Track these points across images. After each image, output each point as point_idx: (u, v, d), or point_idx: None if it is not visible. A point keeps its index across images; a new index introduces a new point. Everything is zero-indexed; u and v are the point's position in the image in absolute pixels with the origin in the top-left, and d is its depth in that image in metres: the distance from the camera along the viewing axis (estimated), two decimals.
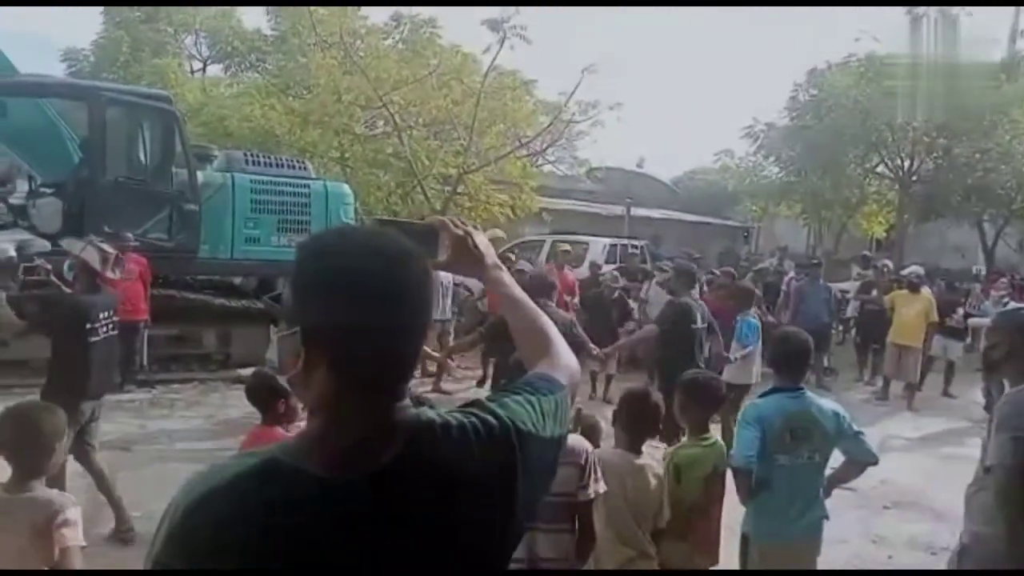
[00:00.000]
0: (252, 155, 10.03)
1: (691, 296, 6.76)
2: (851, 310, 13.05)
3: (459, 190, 12.87)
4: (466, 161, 12.29)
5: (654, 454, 3.58)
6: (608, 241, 13.70)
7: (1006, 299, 9.71)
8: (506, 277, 1.44)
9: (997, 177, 16.88)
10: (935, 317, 10.12)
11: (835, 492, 3.62)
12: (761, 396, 3.45)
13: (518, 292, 1.44)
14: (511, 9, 12.46)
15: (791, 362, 3.49)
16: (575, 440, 2.79)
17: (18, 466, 2.50)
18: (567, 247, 10.32)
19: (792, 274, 13.54)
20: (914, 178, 17.95)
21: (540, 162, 15.76)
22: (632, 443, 3.22)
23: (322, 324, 1.00)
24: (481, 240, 1.44)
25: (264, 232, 9.64)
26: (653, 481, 3.12)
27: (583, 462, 2.76)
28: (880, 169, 19.29)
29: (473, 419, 1.13)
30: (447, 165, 13.02)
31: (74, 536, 2.40)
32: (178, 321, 9.18)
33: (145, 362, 8.72)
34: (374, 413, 1.04)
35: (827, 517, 3.51)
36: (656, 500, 3.13)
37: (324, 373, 1.01)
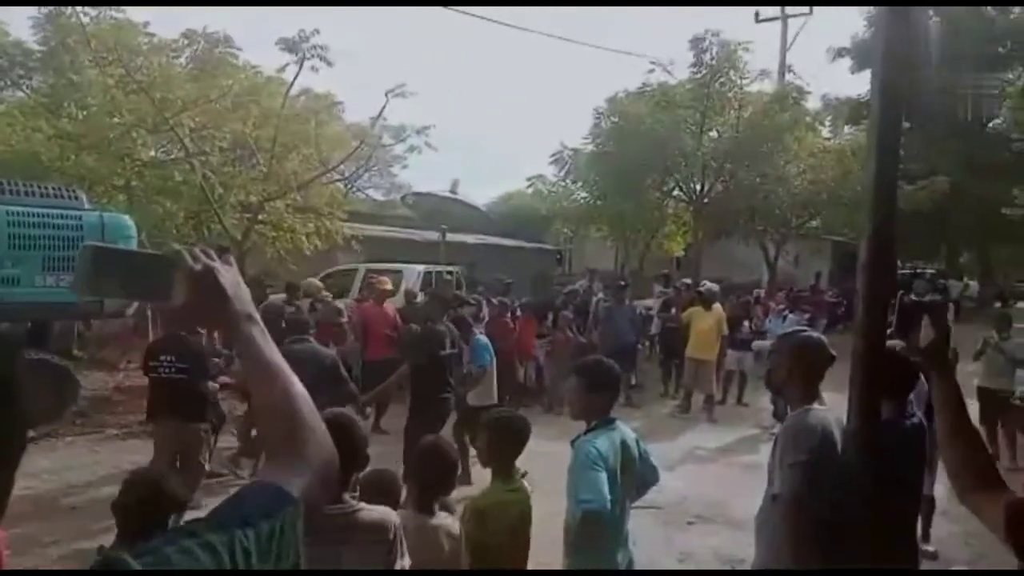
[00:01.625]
0: (11, 184, 8.81)
1: (443, 322, 7.00)
2: (655, 327, 13.71)
3: (260, 218, 12.10)
4: (267, 188, 11.58)
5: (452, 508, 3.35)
6: (422, 268, 13.47)
7: (785, 312, 10.55)
8: (258, 335, 1.11)
9: (776, 199, 18.59)
10: (727, 330, 10.84)
11: (641, 511, 3.58)
12: (588, 432, 3.28)
13: (271, 356, 1.11)
14: (308, 30, 12.02)
15: (607, 393, 3.38)
16: (382, 513, 2.49)
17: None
18: (387, 283, 9.98)
19: (601, 295, 14.04)
20: (705, 200, 19.32)
21: (353, 188, 15.27)
22: (425, 502, 2.97)
23: None
24: (229, 280, 1.11)
25: (26, 271, 8.49)
26: (447, 544, 2.88)
27: (391, 537, 2.48)
28: (676, 192, 20.62)
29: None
30: (247, 192, 12.22)
31: None
32: None
33: None
34: None
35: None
36: (452, 564, 2.89)
37: None
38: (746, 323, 11.33)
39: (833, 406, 2.87)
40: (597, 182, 19.94)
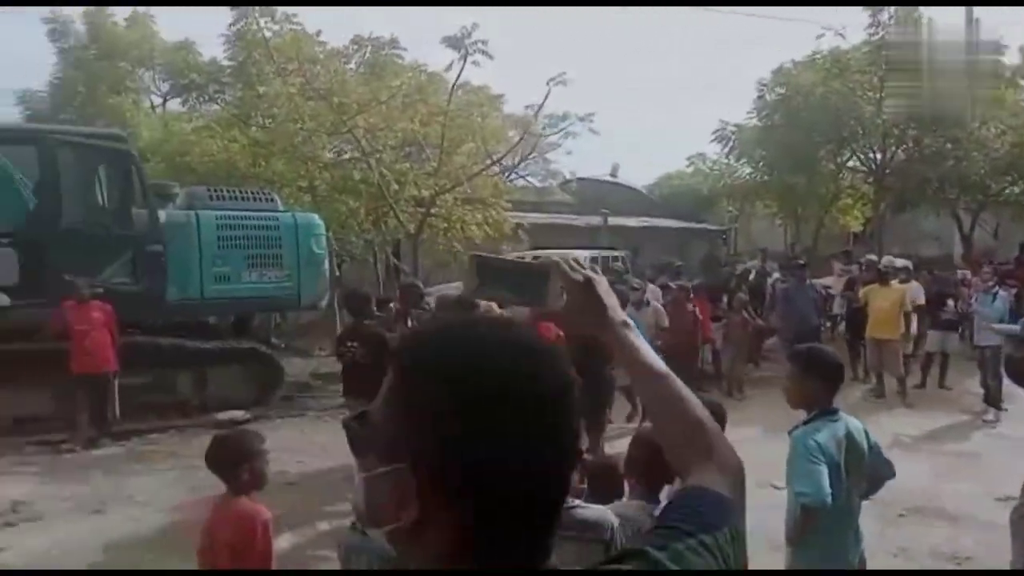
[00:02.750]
0: (216, 191, 9.69)
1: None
2: (837, 307, 12.95)
3: (432, 211, 12.58)
4: (437, 182, 12.02)
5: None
6: (588, 254, 13.46)
7: (995, 289, 9.59)
8: (637, 339, 1.14)
9: (970, 164, 16.92)
10: (909, 306, 10.06)
11: None
12: (806, 424, 3.15)
13: (656, 361, 1.14)
14: (470, 24, 12.28)
15: (829, 382, 3.21)
16: (598, 513, 2.47)
17: None
18: None
19: (777, 276, 13.42)
20: (887, 170, 17.96)
21: (513, 177, 15.52)
22: (650, 493, 2.93)
23: (451, 456, 0.74)
24: (604, 288, 1.15)
25: (234, 269, 9.30)
26: None
27: (608, 538, 2.42)
28: (852, 163, 19.31)
29: None
30: (419, 187, 12.73)
31: None
32: (149, 367, 8.78)
33: (117, 414, 8.30)
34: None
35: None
36: None
37: (450, 523, 0.75)
38: (950, 302, 10.43)
39: None
40: (764, 157, 19.08)
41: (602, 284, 1.16)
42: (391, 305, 8.12)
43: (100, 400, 8.07)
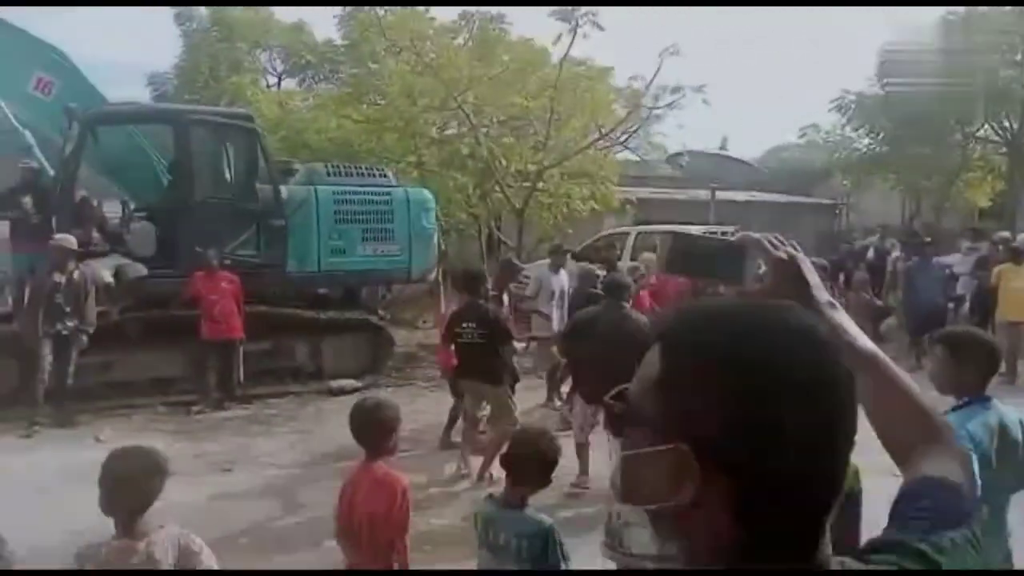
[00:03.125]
0: (333, 166, 10.01)
1: None
2: (961, 287, 12.17)
3: (539, 186, 12.58)
4: (545, 156, 11.99)
5: None
6: (697, 229, 13.12)
7: None
8: (846, 320, 1.10)
9: None
10: None
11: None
12: (956, 411, 2.98)
13: (867, 342, 1.09)
14: None
15: (983, 368, 3.02)
16: None
17: None
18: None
19: (897, 254, 12.74)
20: None
21: (618, 150, 15.28)
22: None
23: (736, 439, 0.73)
24: (807, 266, 1.12)
25: (349, 243, 9.61)
26: None
27: None
28: (983, 132, 18.00)
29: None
30: (525, 162, 12.75)
31: None
32: (269, 336, 9.23)
33: (241, 378, 8.79)
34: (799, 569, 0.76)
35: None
36: None
37: (726, 506, 0.75)
38: None
39: None
40: (885, 127, 18.03)
41: (805, 262, 1.12)
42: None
43: (227, 365, 8.55)
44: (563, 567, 2.80)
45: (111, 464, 2.49)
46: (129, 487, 2.45)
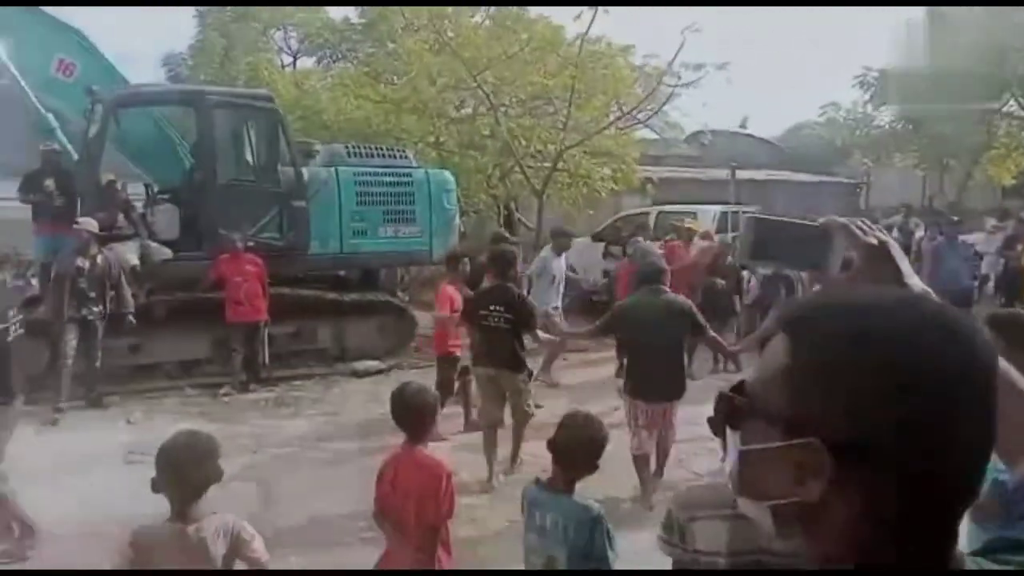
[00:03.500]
0: (354, 147, 9.96)
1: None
2: (986, 266, 12.04)
3: (559, 166, 12.47)
4: (566, 136, 11.88)
5: None
6: (718, 209, 13.01)
7: None
8: None
9: None
10: None
11: None
12: None
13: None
14: None
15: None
16: None
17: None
18: (691, 223, 9.83)
19: (922, 232, 12.59)
20: None
21: (638, 128, 15.09)
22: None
23: (873, 435, 0.70)
24: (898, 252, 1.08)
25: (371, 224, 9.58)
26: None
27: None
28: (1010, 107, 17.70)
29: None
30: (544, 142, 12.64)
31: None
32: (294, 318, 9.24)
33: (267, 360, 8.82)
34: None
35: None
36: None
37: (861, 506, 0.71)
38: None
39: None
40: (908, 104, 17.77)
41: (895, 248, 1.07)
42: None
43: (252, 348, 8.57)
44: (610, 556, 2.78)
45: (169, 447, 2.49)
46: (185, 471, 2.46)
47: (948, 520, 0.73)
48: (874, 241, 1.06)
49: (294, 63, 21.65)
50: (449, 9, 13.42)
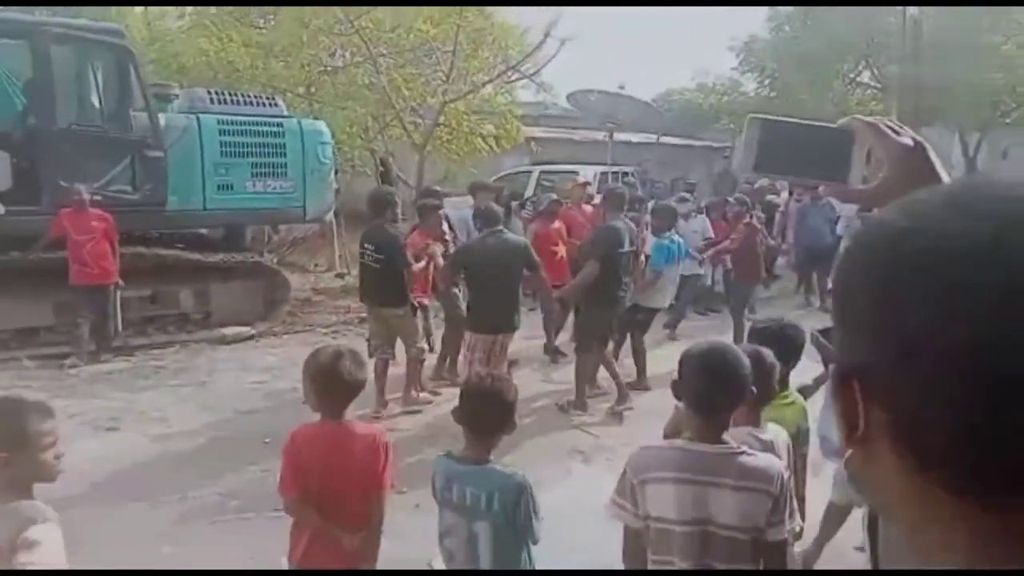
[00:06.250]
0: (218, 93, 9.08)
1: (620, 219, 6.67)
2: (841, 227, 12.73)
3: (440, 121, 11.98)
4: (449, 89, 11.39)
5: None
6: (599, 169, 13.03)
7: None
8: None
9: (990, 82, 16.40)
10: None
11: None
12: None
13: None
14: None
15: None
16: (765, 460, 2.19)
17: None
18: (585, 180, 9.74)
19: (787, 194, 13.10)
20: (904, 86, 17.46)
21: (519, 85, 14.80)
22: (751, 415, 2.68)
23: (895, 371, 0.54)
24: (935, 156, 0.90)
25: (237, 178, 8.83)
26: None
27: (776, 489, 2.10)
28: (865, 78, 18.78)
29: None
30: (425, 95, 12.10)
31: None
32: (150, 281, 8.43)
33: (120, 327, 7.98)
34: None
35: None
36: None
37: (897, 459, 0.56)
38: None
39: None
40: (774, 72, 18.49)
41: (932, 151, 0.90)
42: None
43: (101, 313, 7.73)
44: (535, 525, 2.60)
45: None
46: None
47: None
48: (909, 142, 0.90)
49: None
50: None
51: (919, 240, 0.53)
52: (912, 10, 16.62)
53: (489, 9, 12.25)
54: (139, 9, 17.04)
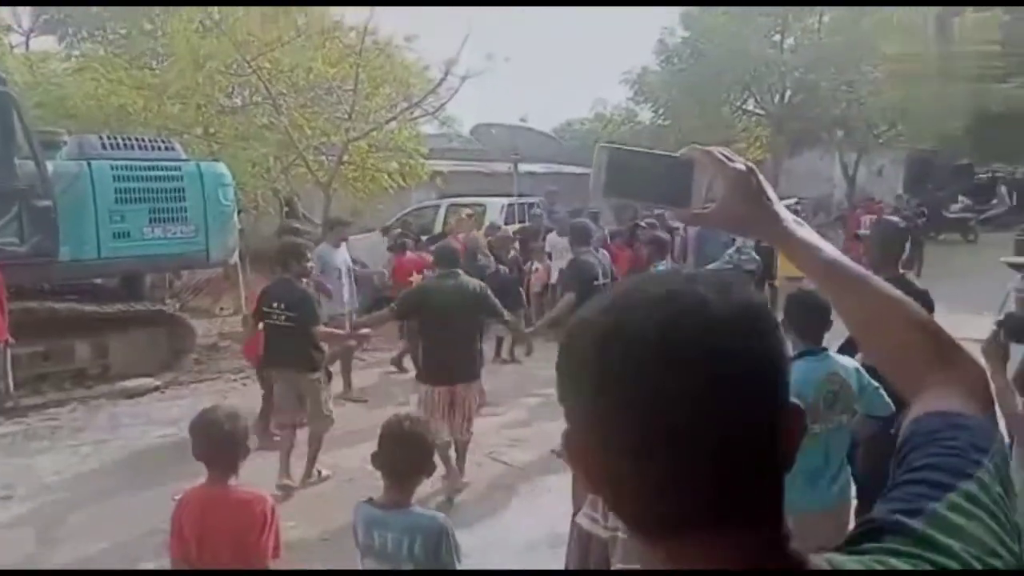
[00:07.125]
0: (110, 138, 8.78)
1: (591, 252, 6.63)
2: (732, 252, 13.34)
3: (344, 159, 11.92)
4: (352, 127, 11.35)
5: None
6: (505, 201, 13.25)
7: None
8: (816, 238, 0.97)
9: (860, 108, 17.65)
10: None
11: None
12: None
13: (847, 261, 0.96)
14: None
15: (812, 322, 3.27)
16: None
17: None
18: (468, 211, 9.79)
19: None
20: (785, 113, 18.57)
21: (422, 121, 14.90)
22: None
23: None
24: (765, 180, 0.99)
25: (134, 225, 8.52)
26: None
27: None
28: (750, 107, 19.83)
29: (917, 564, 0.66)
30: (328, 134, 12.03)
31: None
32: (43, 336, 8.00)
33: (11, 388, 7.53)
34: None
35: (856, 477, 3.41)
36: None
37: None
38: None
39: None
40: (667, 102, 19.31)
41: (761, 176, 0.99)
42: None
43: None
44: (456, 566, 2.61)
45: None
46: None
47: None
48: (742, 167, 0.97)
49: (26, 43, 18.78)
50: None
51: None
52: (789, 42, 17.78)
53: (390, 47, 12.33)
54: (20, 52, 16.32)
